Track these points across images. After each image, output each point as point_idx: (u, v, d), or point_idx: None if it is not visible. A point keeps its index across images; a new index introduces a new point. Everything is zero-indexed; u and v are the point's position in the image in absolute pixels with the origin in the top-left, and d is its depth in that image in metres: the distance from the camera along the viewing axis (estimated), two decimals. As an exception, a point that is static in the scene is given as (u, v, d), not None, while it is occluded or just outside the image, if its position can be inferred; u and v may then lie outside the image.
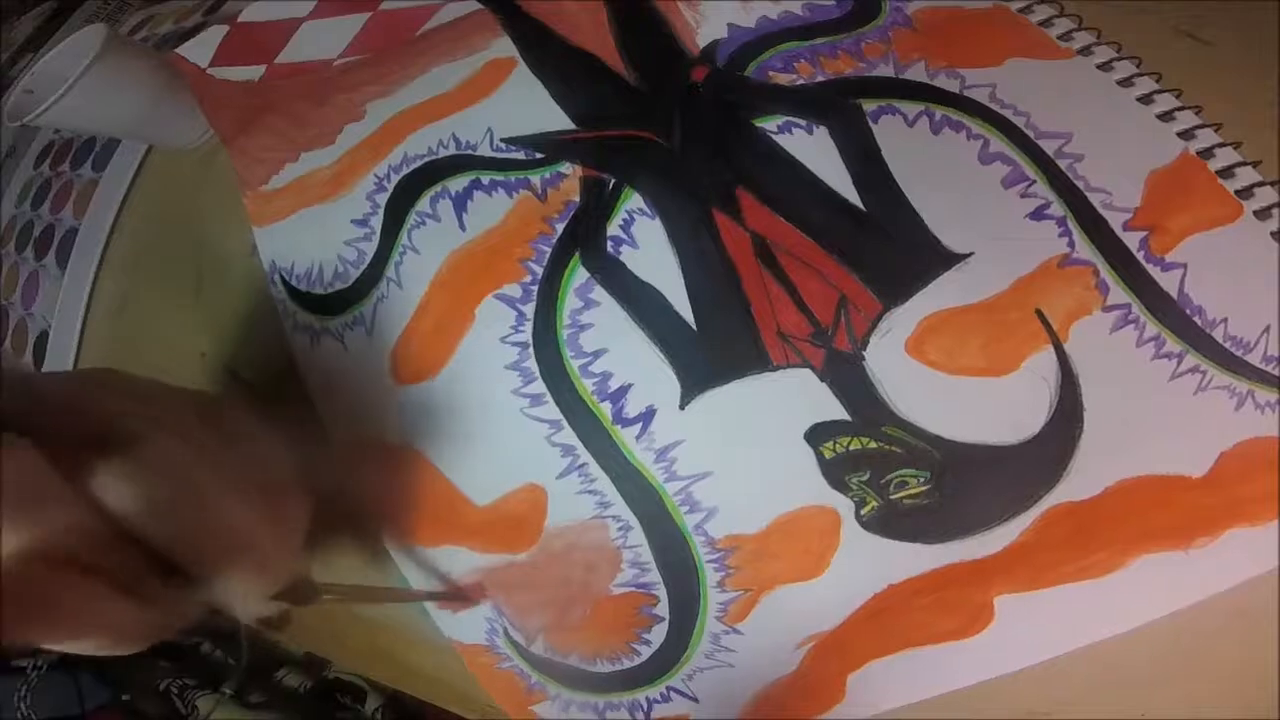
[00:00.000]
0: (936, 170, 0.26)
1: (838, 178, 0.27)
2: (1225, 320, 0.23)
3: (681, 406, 0.26)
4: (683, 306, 0.27)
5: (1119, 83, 0.26)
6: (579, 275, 0.28)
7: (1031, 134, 0.26)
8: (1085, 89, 0.26)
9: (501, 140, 0.31)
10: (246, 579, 0.19)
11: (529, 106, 0.32)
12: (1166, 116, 0.25)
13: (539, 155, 0.31)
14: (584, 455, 0.27)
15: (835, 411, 0.25)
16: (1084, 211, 0.25)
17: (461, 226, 0.30)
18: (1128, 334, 0.23)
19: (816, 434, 0.25)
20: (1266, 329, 0.23)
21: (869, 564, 0.24)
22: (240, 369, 0.34)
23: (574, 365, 0.27)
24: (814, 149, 0.27)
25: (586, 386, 0.27)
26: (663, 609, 0.26)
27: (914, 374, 0.24)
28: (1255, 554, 0.21)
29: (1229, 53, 0.26)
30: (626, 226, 0.28)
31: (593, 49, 0.32)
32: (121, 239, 0.42)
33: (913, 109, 0.27)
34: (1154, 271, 0.24)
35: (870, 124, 0.27)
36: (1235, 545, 0.21)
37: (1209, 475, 0.22)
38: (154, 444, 0.18)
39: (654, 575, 0.26)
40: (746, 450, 0.26)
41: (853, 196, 0.26)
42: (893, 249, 0.26)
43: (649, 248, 0.28)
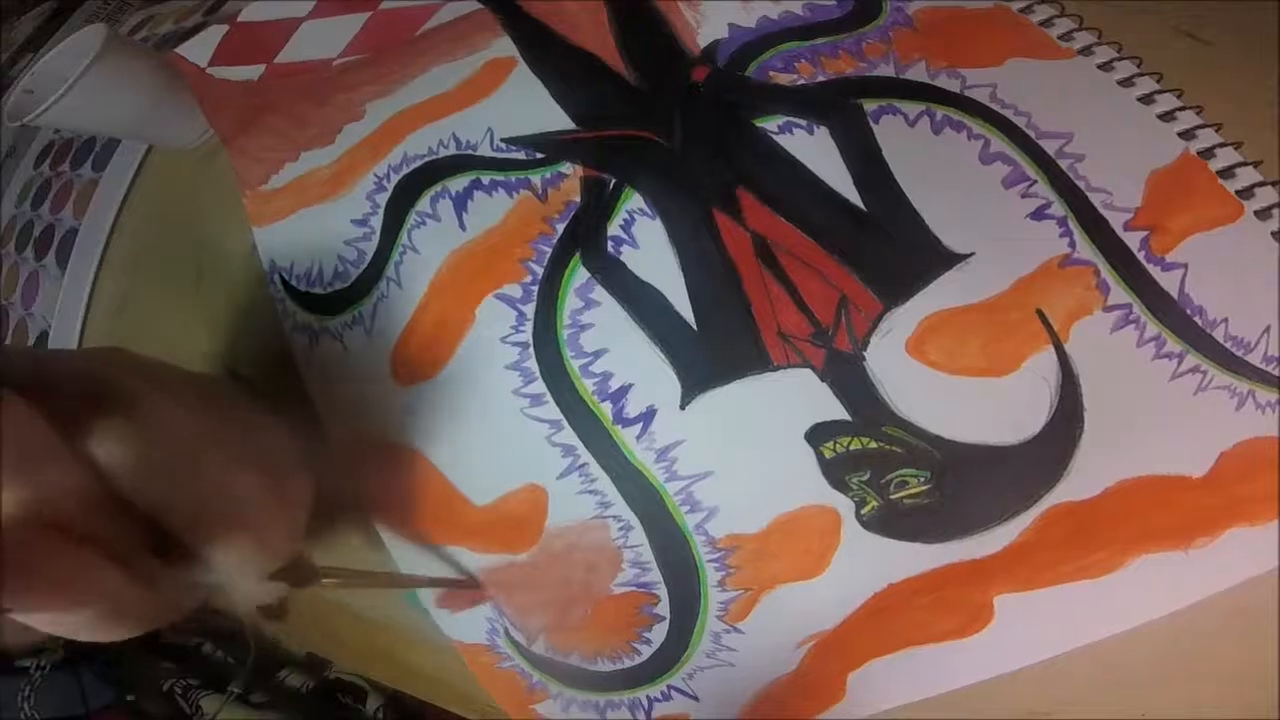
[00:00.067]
0: (937, 170, 0.26)
1: (838, 178, 0.27)
2: (1226, 320, 0.23)
3: (682, 406, 0.26)
4: (683, 306, 0.27)
5: (1120, 83, 0.26)
6: (579, 275, 0.28)
7: (1032, 134, 0.26)
8: (1086, 89, 0.26)
9: (502, 140, 0.31)
10: (244, 552, 0.18)
11: (529, 106, 0.32)
12: (1167, 116, 0.25)
13: (539, 155, 0.31)
14: (584, 455, 0.27)
15: (835, 411, 0.25)
16: (1085, 211, 0.25)
17: (462, 226, 0.30)
18: (1128, 334, 0.23)
19: (817, 434, 0.25)
20: (1267, 329, 0.23)
21: (869, 563, 0.24)
22: (240, 368, 0.34)
23: (574, 365, 0.27)
24: (815, 149, 0.27)
25: (587, 386, 0.27)
26: (663, 608, 0.26)
27: (914, 374, 0.24)
28: (1255, 554, 0.21)
29: (1229, 53, 0.26)
30: (627, 226, 0.28)
31: (593, 49, 0.32)
32: (121, 239, 0.42)
33: (913, 109, 0.27)
34: (1154, 271, 0.24)
35: (871, 124, 0.27)
36: (1235, 545, 0.21)
37: (1209, 475, 0.22)
38: (153, 406, 0.17)
39: (655, 575, 0.26)
40: (747, 450, 0.26)
41: (853, 196, 0.26)
42: (893, 249, 0.26)
43: (649, 248, 0.28)
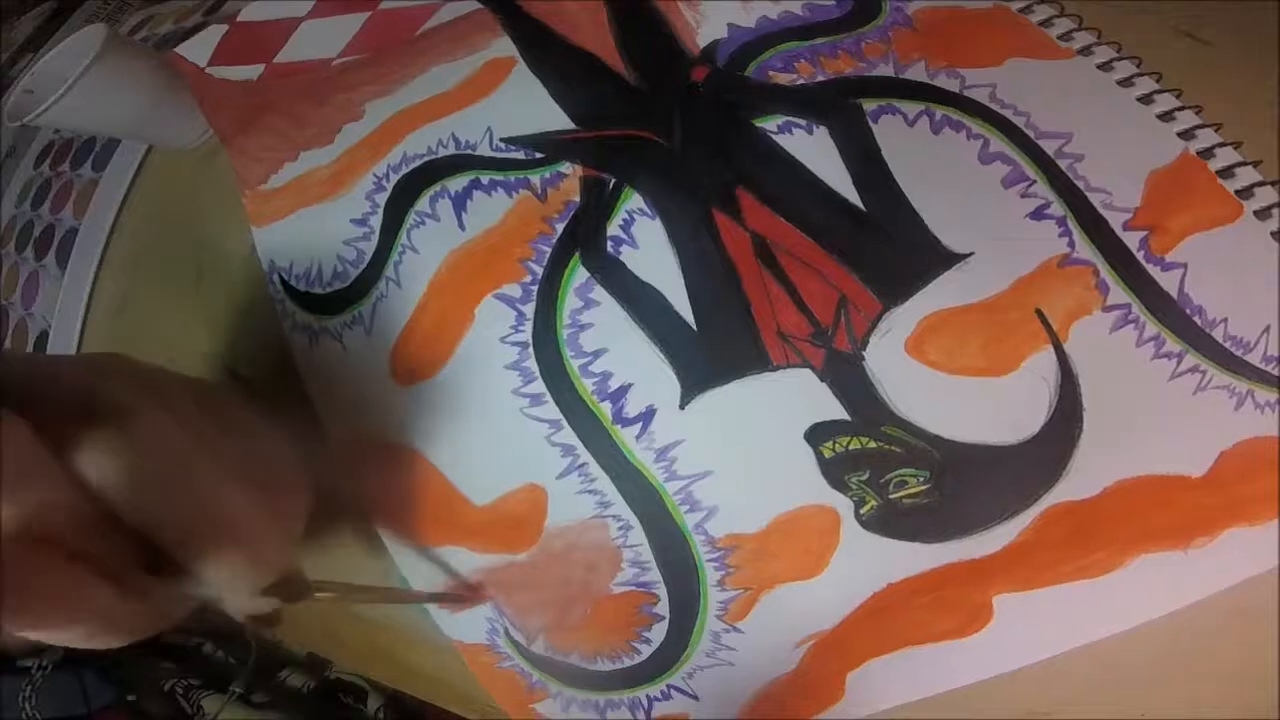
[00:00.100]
0: (936, 170, 0.26)
1: (838, 178, 0.27)
2: (1225, 320, 0.23)
3: (681, 406, 0.26)
4: (683, 306, 0.27)
5: (1119, 83, 0.26)
6: (579, 275, 0.28)
7: (1032, 134, 0.26)
8: (1085, 89, 0.26)
9: (501, 140, 0.31)
10: (235, 568, 0.18)
11: (529, 106, 0.32)
12: (1167, 116, 0.25)
13: (539, 155, 0.31)
14: (584, 455, 0.27)
15: (835, 411, 0.25)
16: (1084, 211, 0.25)
17: (461, 226, 0.30)
18: (1128, 334, 0.23)
19: (816, 434, 0.25)
20: (1266, 329, 0.23)
21: (868, 563, 0.24)
22: (239, 368, 0.34)
23: (574, 365, 0.27)
24: (814, 149, 0.27)
25: (586, 386, 0.27)
26: (663, 608, 0.26)
27: (914, 374, 0.24)
28: (1255, 554, 0.21)
29: (1229, 53, 0.26)
30: (626, 226, 0.28)
31: (593, 49, 0.32)
32: (121, 239, 0.42)
33: (913, 109, 0.27)
34: (1154, 271, 0.24)
35: (870, 124, 0.27)
36: (1235, 545, 0.21)
37: (1209, 475, 0.22)
38: (143, 419, 0.17)
39: (654, 574, 0.26)
40: (746, 450, 0.26)
41: (853, 196, 0.26)
42: (893, 249, 0.26)
43: (649, 248, 0.28)
